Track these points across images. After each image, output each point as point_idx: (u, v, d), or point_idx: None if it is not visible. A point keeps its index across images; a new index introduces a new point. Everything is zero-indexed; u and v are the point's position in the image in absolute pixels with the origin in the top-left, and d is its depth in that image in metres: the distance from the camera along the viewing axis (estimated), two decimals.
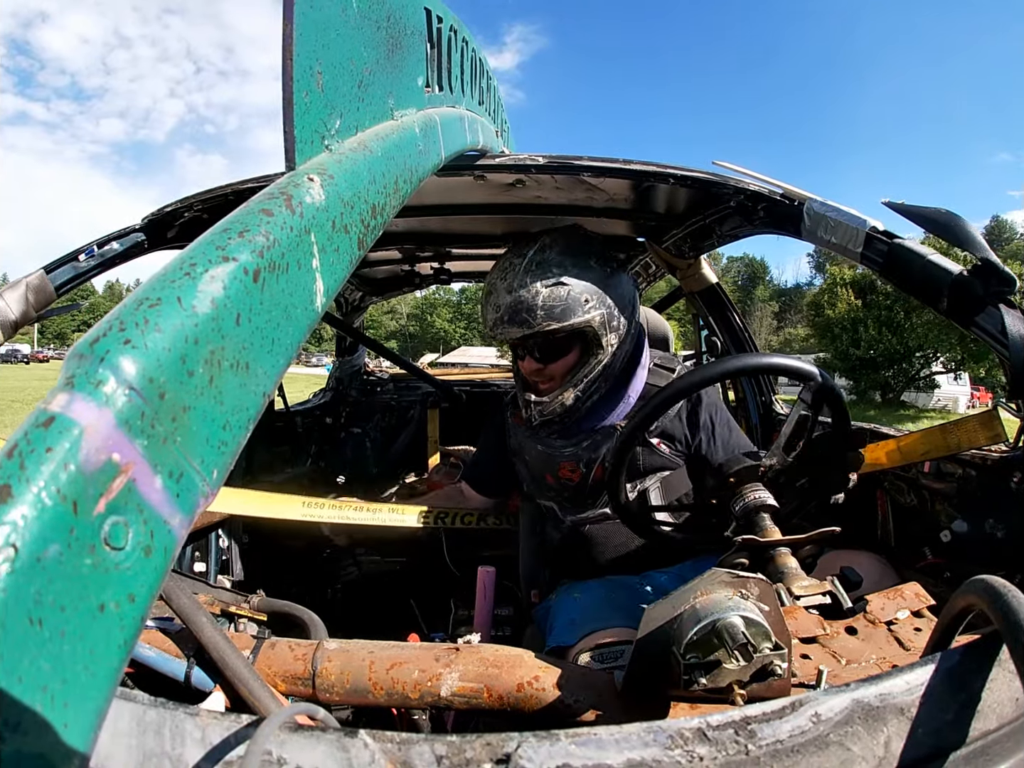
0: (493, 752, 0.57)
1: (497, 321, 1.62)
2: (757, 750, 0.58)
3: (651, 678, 0.85)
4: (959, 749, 0.61)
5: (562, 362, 1.66)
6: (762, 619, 0.78)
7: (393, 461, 3.57)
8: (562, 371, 1.67)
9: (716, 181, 1.67)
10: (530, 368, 1.67)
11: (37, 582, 0.33)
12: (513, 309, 1.58)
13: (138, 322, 0.42)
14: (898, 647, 0.93)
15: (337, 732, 0.59)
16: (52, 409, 0.37)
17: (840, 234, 1.45)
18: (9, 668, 0.32)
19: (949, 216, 1.26)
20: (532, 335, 1.59)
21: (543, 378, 1.69)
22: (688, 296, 2.83)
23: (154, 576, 0.41)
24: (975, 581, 0.68)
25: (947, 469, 1.68)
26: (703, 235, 2.16)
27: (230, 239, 0.52)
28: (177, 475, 0.43)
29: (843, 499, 1.38)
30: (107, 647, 0.37)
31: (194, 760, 0.58)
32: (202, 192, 1.76)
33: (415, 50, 1.08)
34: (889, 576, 1.31)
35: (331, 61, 0.73)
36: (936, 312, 1.32)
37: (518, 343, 1.67)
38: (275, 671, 1.05)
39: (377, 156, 0.79)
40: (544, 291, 1.56)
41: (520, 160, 1.61)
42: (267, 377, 0.54)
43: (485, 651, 1.01)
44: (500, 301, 1.60)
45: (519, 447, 1.89)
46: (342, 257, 0.67)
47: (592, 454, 1.72)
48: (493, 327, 1.64)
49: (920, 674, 0.65)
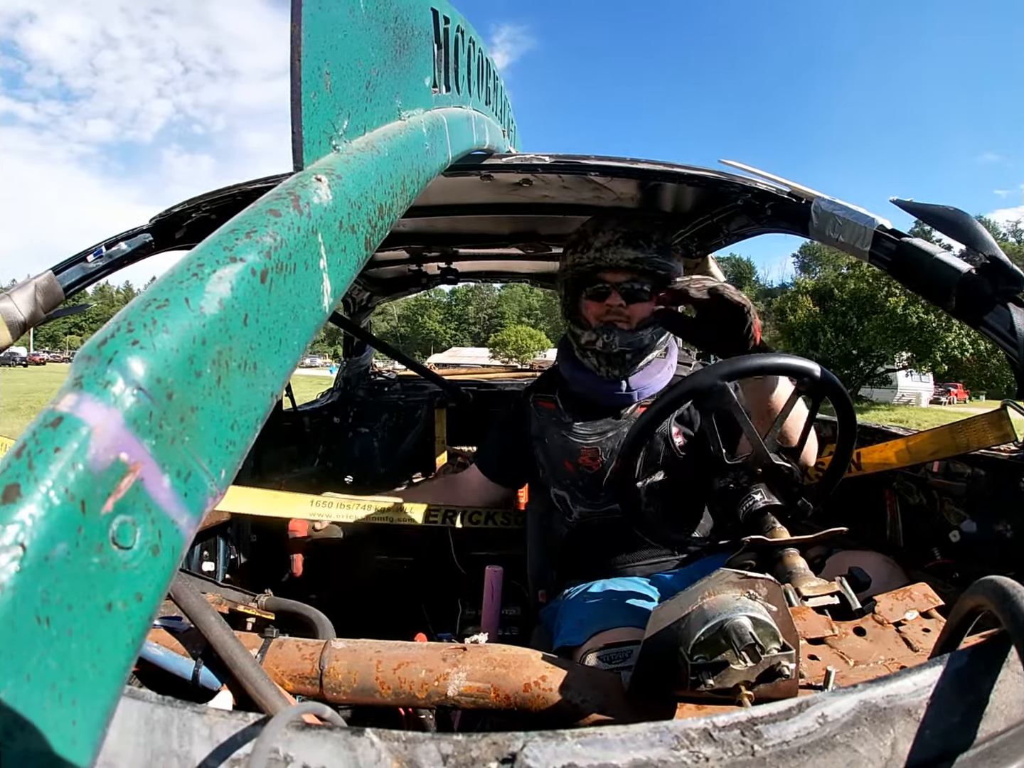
0: (499, 751, 0.57)
1: (611, 243, 1.69)
2: (763, 751, 0.58)
3: (658, 678, 0.84)
4: (967, 751, 0.60)
5: (644, 306, 1.75)
6: (770, 620, 0.78)
7: (401, 461, 3.58)
8: (640, 315, 1.75)
9: (723, 180, 1.67)
10: (614, 304, 1.73)
11: (45, 581, 0.33)
12: (630, 234, 1.70)
13: (146, 323, 0.42)
14: (906, 648, 0.93)
15: (344, 731, 0.59)
16: (60, 409, 0.37)
17: (848, 233, 1.45)
18: (17, 666, 0.32)
19: (958, 214, 1.25)
20: (644, 259, 1.69)
21: (622, 317, 1.74)
22: None
23: (162, 575, 0.41)
24: (984, 582, 0.67)
25: (956, 469, 1.68)
26: (710, 234, 2.16)
27: (238, 240, 0.52)
28: (185, 475, 0.43)
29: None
30: (115, 646, 0.38)
31: (202, 758, 0.59)
32: (210, 193, 1.77)
33: (422, 51, 1.08)
34: (898, 577, 1.31)
35: (339, 62, 0.73)
36: (945, 311, 1.32)
37: (615, 272, 1.73)
38: (282, 670, 1.05)
39: (384, 156, 0.79)
40: (654, 234, 1.74)
41: (527, 160, 1.61)
42: (275, 377, 0.54)
43: (492, 651, 1.01)
44: (617, 228, 1.72)
45: (541, 432, 1.89)
46: (349, 257, 0.67)
47: (615, 444, 1.73)
48: (604, 247, 1.70)
49: (928, 675, 0.65)
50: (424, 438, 3.54)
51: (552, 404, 1.88)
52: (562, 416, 1.83)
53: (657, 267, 1.70)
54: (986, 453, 1.57)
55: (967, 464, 1.63)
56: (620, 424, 1.75)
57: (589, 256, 1.72)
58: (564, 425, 1.82)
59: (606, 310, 1.74)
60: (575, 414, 1.82)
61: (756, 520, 1.23)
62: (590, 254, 1.72)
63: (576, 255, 1.76)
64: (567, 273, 1.80)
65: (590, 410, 1.81)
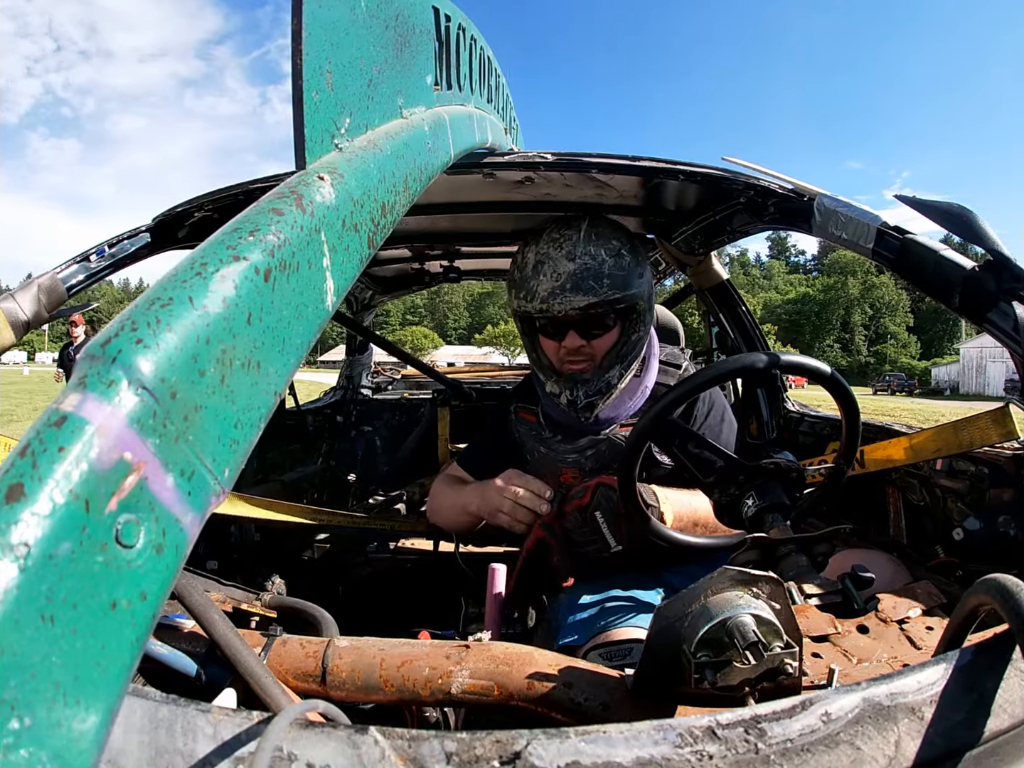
0: (503, 749, 0.57)
1: (557, 290, 1.53)
2: (767, 749, 0.58)
3: (661, 676, 0.84)
4: (970, 749, 0.60)
5: (607, 338, 1.62)
6: (773, 617, 0.78)
7: (404, 459, 3.58)
8: (604, 348, 1.63)
9: (726, 177, 1.67)
10: (572, 345, 1.60)
11: (49, 579, 0.33)
12: (579, 276, 1.53)
13: (150, 322, 0.43)
14: (910, 646, 0.93)
15: (348, 729, 0.59)
16: (64, 408, 0.37)
17: (851, 230, 1.44)
18: (22, 664, 0.32)
19: (961, 210, 1.25)
20: (597, 303, 1.53)
21: (583, 357, 1.63)
22: (698, 293, 2.83)
23: (166, 574, 0.41)
24: (987, 580, 0.67)
25: (959, 467, 1.67)
26: (713, 231, 2.15)
27: (241, 238, 0.52)
28: (189, 473, 0.43)
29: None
30: (119, 644, 0.38)
31: (206, 756, 0.59)
32: (212, 192, 1.77)
33: (424, 49, 1.08)
34: (901, 574, 1.31)
35: (341, 60, 0.73)
36: (949, 308, 1.31)
37: (566, 318, 1.58)
38: (286, 668, 1.05)
39: (387, 154, 0.79)
40: (609, 259, 1.55)
41: (529, 157, 1.60)
42: (278, 376, 0.54)
43: (495, 649, 1.01)
44: (560, 269, 1.54)
45: (522, 444, 1.87)
46: (352, 256, 0.67)
47: (594, 464, 1.71)
48: (550, 296, 1.54)
49: (931, 673, 0.65)
50: (427, 436, 3.54)
51: (534, 417, 1.84)
52: (542, 431, 1.79)
53: (616, 302, 1.55)
54: (989, 451, 1.57)
55: (970, 462, 1.63)
56: (599, 442, 1.71)
57: (535, 306, 1.58)
58: (544, 441, 1.79)
59: (565, 351, 1.63)
60: (555, 430, 1.77)
61: (759, 519, 1.22)
62: (535, 304, 1.58)
63: (520, 300, 1.62)
64: (516, 314, 1.70)
65: (569, 429, 1.75)
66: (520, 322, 1.73)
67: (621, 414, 1.70)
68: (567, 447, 1.75)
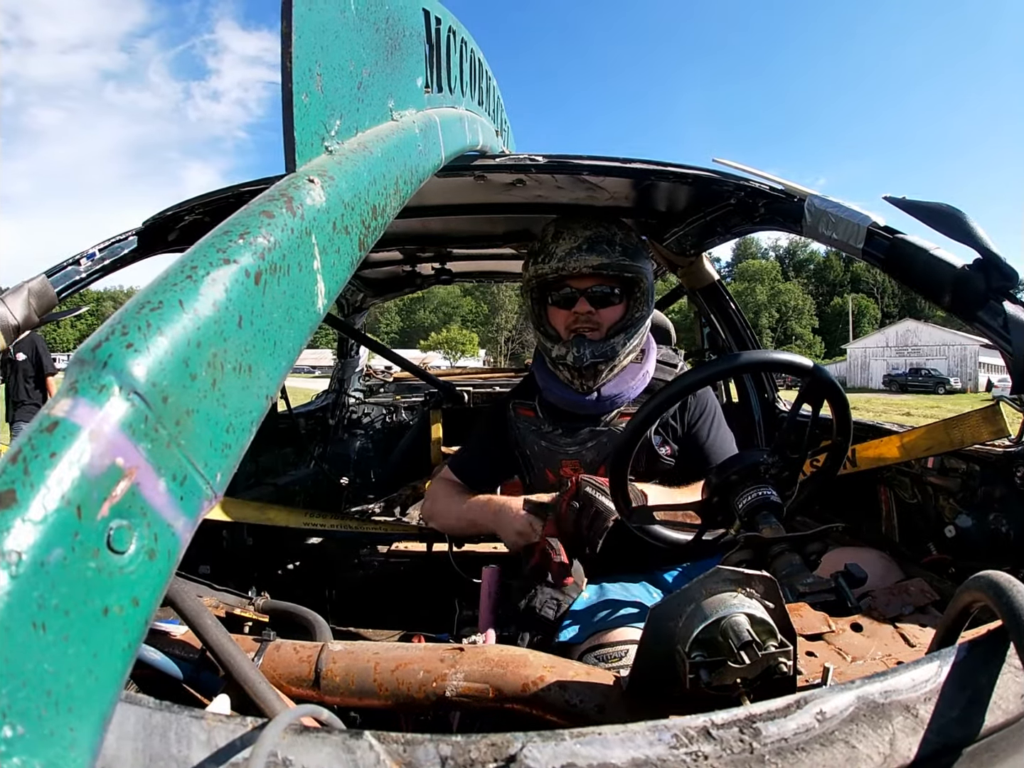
0: (498, 752, 0.57)
1: (574, 250, 1.67)
2: (762, 748, 0.58)
3: (656, 677, 0.84)
4: (965, 746, 0.61)
5: (613, 310, 1.74)
6: (767, 616, 0.78)
7: (396, 462, 3.57)
8: (610, 320, 1.73)
9: (716, 178, 1.67)
10: (582, 310, 1.71)
11: (41, 586, 0.33)
12: (593, 239, 1.68)
13: (140, 326, 0.42)
14: (904, 643, 0.93)
15: (342, 733, 0.59)
16: (56, 414, 0.37)
17: (841, 230, 1.45)
18: (14, 672, 0.32)
19: (951, 210, 1.25)
20: (609, 264, 1.66)
21: (591, 324, 1.72)
22: (689, 294, 2.83)
23: (158, 579, 0.41)
24: (980, 577, 0.68)
25: (951, 464, 1.68)
26: (704, 232, 2.16)
27: (231, 241, 0.52)
28: (181, 478, 0.43)
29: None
30: (111, 651, 0.37)
31: (200, 762, 0.58)
32: (202, 195, 1.77)
33: (414, 51, 1.08)
34: (894, 572, 1.31)
35: (330, 63, 0.73)
36: (939, 307, 1.32)
37: (579, 280, 1.72)
38: (280, 673, 1.05)
39: (377, 157, 0.79)
40: (620, 232, 1.72)
41: (520, 160, 1.61)
42: (270, 379, 0.54)
43: (490, 651, 1.01)
44: (578, 233, 1.69)
45: (521, 440, 1.86)
46: (343, 258, 0.67)
47: (595, 455, 1.72)
48: (567, 256, 1.68)
49: (925, 671, 0.65)
50: (420, 439, 3.53)
51: (532, 411, 1.86)
52: (542, 424, 1.81)
53: (623, 270, 1.69)
54: (980, 449, 1.57)
55: (962, 460, 1.64)
56: (600, 433, 1.73)
57: (552, 266, 1.70)
58: (544, 435, 1.80)
59: (574, 318, 1.73)
60: (554, 422, 1.79)
61: (752, 517, 1.23)
62: (552, 263, 1.70)
63: (538, 265, 1.75)
64: (531, 283, 1.79)
65: (569, 419, 1.78)
66: (533, 292, 1.82)
67: (623, 394, 1.73)
68: (567, 439, 1.76)
